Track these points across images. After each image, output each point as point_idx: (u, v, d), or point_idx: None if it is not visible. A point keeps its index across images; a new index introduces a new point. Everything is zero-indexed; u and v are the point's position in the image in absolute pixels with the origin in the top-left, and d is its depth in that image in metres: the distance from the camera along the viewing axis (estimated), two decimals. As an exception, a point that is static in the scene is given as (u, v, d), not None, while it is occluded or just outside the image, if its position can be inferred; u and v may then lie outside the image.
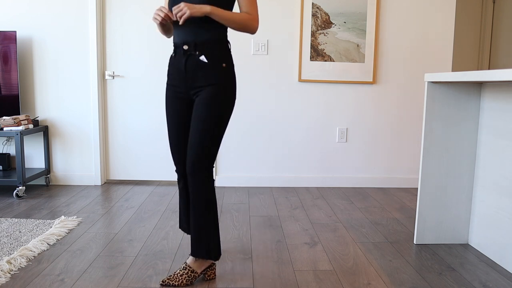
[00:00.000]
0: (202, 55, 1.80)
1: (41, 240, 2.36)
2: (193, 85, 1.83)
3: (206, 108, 1.79)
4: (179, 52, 1.83)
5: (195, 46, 1.79)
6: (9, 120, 3.25)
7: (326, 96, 3.73)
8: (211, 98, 1.79)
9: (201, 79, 1.81)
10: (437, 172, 2.39)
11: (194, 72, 1.81)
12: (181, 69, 1.83)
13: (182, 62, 1.82)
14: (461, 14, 4.59)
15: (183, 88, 1.86)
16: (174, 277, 1.87)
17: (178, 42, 1.83)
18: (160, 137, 3.76)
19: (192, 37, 1.79)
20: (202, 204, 1.82)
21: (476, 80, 1.88)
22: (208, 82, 1.80)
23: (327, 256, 2.26)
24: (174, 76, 1.88)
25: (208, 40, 1.80)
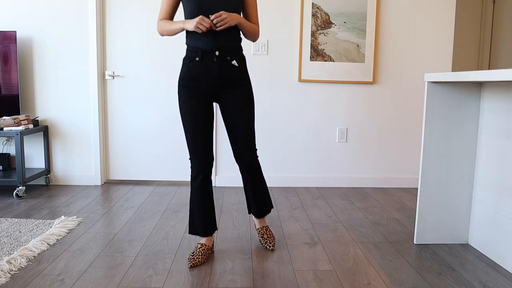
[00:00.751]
0: (234, 60, 2.03)
1: (41, 240, 2.36)
2: (224, 86, 2.04)
3: (246, 106, 2.08)
4: (208, 57, 1.98)
5: (227, 52, 2.00)
6: (9, 120, 3.25)
7: (326, 96, 3.73)
8: (246, 97, 2.08)
9: (232, 81, 2.04)
10: (437, 172, 2.39)
11: (226, 75, 2.02)
12: (213, 73, 1.99)
13: (214, 67, 1.99)
14: (461, 14, 4.59)
15: (210, 89, 2.02)
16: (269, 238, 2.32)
17: (207, 48, 1.97)
18: (160, 137, 3.76)
19: (223, 44, 1.98)
20: (262, 179, 2.27)
21: (476, 80, 1.88)
22: (239, 83, 2.06)
23: (327, 256, 2.26)
24: (199, 79, 1.99)
25: (236, 47, 2.04)
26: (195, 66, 1.99)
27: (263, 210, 2.33)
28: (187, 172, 3.81)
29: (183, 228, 2.65)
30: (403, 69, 3.75)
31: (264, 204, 2.33)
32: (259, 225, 2.37)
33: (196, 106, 2.02)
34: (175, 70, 3.69)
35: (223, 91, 2.04)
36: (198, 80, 1.99)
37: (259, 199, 2.30)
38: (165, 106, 3.72)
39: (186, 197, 3.37)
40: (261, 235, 2.35)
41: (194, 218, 2.17)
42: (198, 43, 1.97)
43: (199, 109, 2.03)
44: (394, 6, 3.67)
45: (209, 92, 2.02)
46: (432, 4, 3.69)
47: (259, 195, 2.29)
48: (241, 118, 2.08)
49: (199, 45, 1.97)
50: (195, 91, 2.01)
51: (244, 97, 2.07)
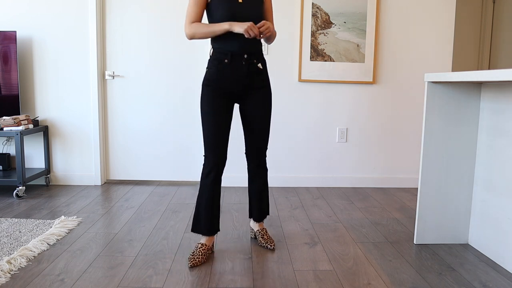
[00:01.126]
0: (259, 63, 2.16)
1: (41, 240, 2.36)
2: (249, 88, 2.15)
3: (266, 107, 2.21)
4: (238, 60, 2.08)
5: (254, 55, 2.12)
6: (9, 120, 3.25)
7: (326, 96, 3.73)
8: (267, 98, 2.21)
9: (256, 83, 2.16)
10: (437, 172, 2.39)
11: (252, 77, 2.14)
12: (241, 75, 2.10)
13: (242, 69, 2.10)
14: (461, 14, 4.59)
15: (237, 90, 2.13)
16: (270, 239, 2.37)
17: (237, 51, 2.07)
18: (160, 137, 3.76)
19: (250, 48, 2.10)
20: (267, 181, 2.39)
21: (476, 80, 1.88)
22: (262, 85, 2.18)
23: (327, 256, 2.26)
24: (227, 80, 2.09)
25: (260, 50, 2.17)
26: (224, 68, 2.08)
27: (263, 212, 2.42)
28: (187, 172, 3.81)
29: (183, 228, 2.65)
30: (403, 69, 3.75)
31: (266, 206, 2.42)
32: (258, 227, 2.44)
33: (220, 106, 2.10)
34: (175, 70, 3.69)
35: (248, 92, 2.16)
36: (226, 81, 2.09)
37: (262, 200, 2.38)
38: (165, 106, 3.72)
39: (186, 197, 3.37)
40: (261, 236, 2.39)
41: (199, 216, 2.18)
42: (227, 46, 2.07)
43: (223, 109, 2.11)
44: (394, 6, 3.67)
45: (235, 92, 2.13)
46: (432, 4, 3.69)
47: (263, 196, 2.38)
48: (261, 118, 2.20)
49: (228, 48, 2.07)
50: (222, 91, 2.10)
51: (266, 97, 2.20)
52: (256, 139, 2.24)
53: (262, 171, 2.34)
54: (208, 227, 2.17)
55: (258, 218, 2.42)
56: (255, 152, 2.27)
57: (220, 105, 2.10)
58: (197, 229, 2.19)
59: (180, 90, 3.72)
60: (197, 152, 3.80)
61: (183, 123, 3.75)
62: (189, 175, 3.83)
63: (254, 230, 2.46)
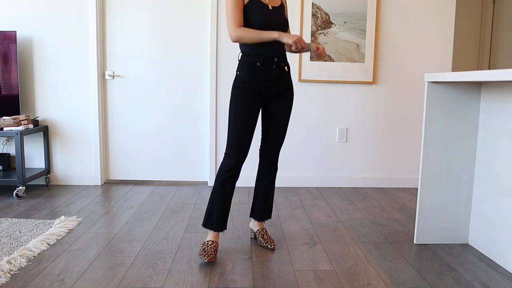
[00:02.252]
0: (286, 66, 2.25)
1: (41, 240, 2.36)
2: (276, 90, 2.22)
3: (289, 109, 2.30)
4: (269, 63, 2.17)
5: (282, 59, 2.22)
6: (9, 120, 3.25)
7: (326, 96, 3.73)
8: (290, 100, 2.30)
9: (283, 85, 2.24)
10: (437, 172, 2.39)
11: (280, 80, 2.23)
12: (272, 78, 2.19)
13: (274, 72, 2.19)
14: (461, 14, 4.59)
15: (266, 92, 2.20)
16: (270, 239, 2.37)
17: (268, 55, 2.16)
18: (160, 137, 3.76)
19: (280, 52, 2.20)
20: (274, 181, 2.42)
21: (476, 80, 1.88)
22: (287, 88, 2.27)
23: (327, 256, 2.26)
24: (259, 82, 2.17)
25: (285, 55, 2.26)
26: (256, 70, 2.16)
27: (266, 213, 2.44)
28: (187, 172, 3.81)
29: (183, 228, 2.65)
30: (403, 69, 3.75)
31: (269, 207, 2.44)
32: (258, 227, 2.45)
33: (250, 108, 2.17)
34: (175, 70, 3.69)
35: (275, 94, 2.23)
36: (258, 83, 2.17)
37: (267, 201, 2.41)
38: (165, 106, 3.72)
39: (186, 197, 3.37)
40: (261, 236, 2.40)
41: (212, 211, 2.22)
42: (259, 50, 2.16)
43: (253, 111, 2.18)
44: (394, 6, 3.67)
45: (265, 94, 2.20)
46: (432, 4, 3.69)
47: (268, 196, 2.41)
48: (284, 118, 2.29)
49: (260, 51, 2.16)
50: (253, 93, 2.17)
51: (290, 99, 2.29)
52: (275, 139, 2.31)
53: (273, 169, 2.38)
54: (219, 224, 2.22)
55: (260, 217, 2.43)
56: (272, 150, 2.33)
57: (250, 107, 2.17)
58: (209, 225, 2.22)
59: (180, 90, 3.72)
60: (197, 152, 3.80)
61: (183, 123, 3.75)
62: (189, 175, 3.83)
63: (254, 230, 2.47)
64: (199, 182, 3.86)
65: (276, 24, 2.18)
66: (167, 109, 3.73)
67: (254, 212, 2.44)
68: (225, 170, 2.18)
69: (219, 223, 2.21)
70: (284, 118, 2.30)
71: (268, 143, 2.32)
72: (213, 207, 2.22)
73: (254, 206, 2.44)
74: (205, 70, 3.70)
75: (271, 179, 2.40)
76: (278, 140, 2.33)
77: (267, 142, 2.33)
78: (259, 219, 2.43)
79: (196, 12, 3.65)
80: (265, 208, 2.42)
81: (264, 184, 2.39)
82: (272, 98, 2.25)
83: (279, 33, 2.08)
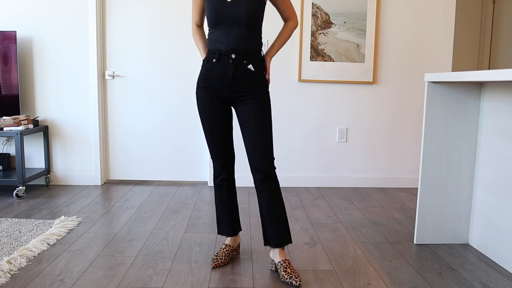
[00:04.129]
0: (250, 64, 1.95)
1: (41, 240, 2.36)
2: (239, 90, 1.96)
3: (263, 114, 1.97)
4: (224, 59, 1.94)
5: (243, 56, 1.94)
6: (9, 120, 3.25)
7: (326, 96, 3.73)
8: (263, 104, 1.97)
9: (247, 85, 1.96)
10: (437, 172, 2.39)
11: (241, 79, 1.95)
12: (228, 75, 1.94)
13: (229, 69, 1.94)
14: (461, 14, 4.59)
15: (226, 92, 1.97)
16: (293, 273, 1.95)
17: (224, 50, 1.93)
18: (160, 137, 3.76)
19: (239, 47, 1.93)
20: (280, 197, 2.02)
21: (476, 80, 1.88)
22: (255, 89, 1.97)
23: (327, 256, 2.26)
24: (214, 81, 1.97)
25: (253, 50, 1.96)
26: (212, 67, 1.97)
27: (282, 236, 2.02)
28: (187, 172, 3.81)
29: (183, 228, 2.65)
30: (403, 69, 3.75)
31: (284, 229, 2.02)
32: (280, 258, 2.02)
33: (213, 107, 2.00)
34: (175, 70, 3.69)
35: (238, 97, 1.97)
36: (214, 82, 1.97)
37: (278, 221, 2.01)
38: (165, 106, 3.72)
39: (186, 197, 3.37)
40: (284, 268, 1.97)
41: (220, 219, 2.19)
42: (217, 45, 1.95)
43: (216, 110, 2.01)
44: (394, 6, 3.67)
45: (225, 94, 1.97)
46: (432, 4, 3.69)
47: (277, 215, 2.01)
48: (256, 129, 1.96)
49: (218, 47, 1.95)
50: (212, 92, 1.98)
51: (259, 106, 1.97)
52: (253, 149, 1.98)
53: (269, 183, 1.99)
54: (227, 228, 2.18)
55: (276, 243, 2.02)
56: (256, 162, 1.98)
57: (212, 107, 1.99)
58: (222, 231, 2.20)
59: (180, 90, 3.72)
60: (197, 152, 3.80)
61: (183, 123, 3.75)
62: (189, 175, 3.83)
63: (275, 262, 2.04)
64: (199, 182, 3.86)
65: (231, 19, 1.91)
66: (167, 109, 3.73)
67: (268, 237, 2.04)
68: (215, 176, 2.14)
69: (229, 228, 2.18)
70: (256, 125, 1.95)
71: (249, 155, 1.99)
72: (219, 214, 2.19)
73: (266, 231, 2.05)
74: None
75: (271, 194, 2.00)
76: (258, 150, 1.96)
77: (248, 154, 2.01)
78: (275, 245, 2.02)
79: (196, 12, 3.64)
80: (279, 230, 2.01)
81: (265, 202, 2.01)
82: (237, 102, 1.98)
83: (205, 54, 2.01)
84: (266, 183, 1.99)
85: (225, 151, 2.07)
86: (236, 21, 1.91)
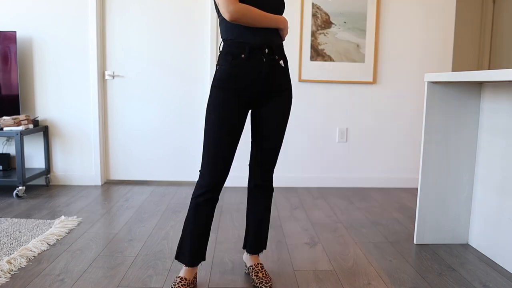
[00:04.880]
0: (281, 59, 1.78)
1: (41, 240, 2.36)
2: (269, 90, 1.77)
3: (285, 115, 1.83)
4: (257, 55, 1.70)
5: (276, 51, 1.75)
6: (9, 120, 3.25)
7: (326, 96, 3.73)
8: (287, 105, 1.83)
9: (277, 84, 1.78)
10: (437, 172, 2.39)
11: (274, 77, 1.76)
12: (260, 72, 1.72)
13: (262, 66, 1.72)
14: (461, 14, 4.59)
15: (253, 92, 1.74)
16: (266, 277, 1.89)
17: (256, 44, 1.69)
18: (160, 137, 3.76)
19: (273, 41, 1.74)
20: (269, 206, 1.96)
21: (476, 80, 1.88)
22: (283, 87, 1.80)
23: (327, 256, 2.26)
24: (244, 80, 1.71)
25: (282, 45, 1.80)
26: (240, 64, 1.69)
27: (259, 244, 1.99)
28: (187, 172, 3.81)
29: (183, 228, 2.65)
30: (403, 69, 3.75)
31: (264, 238, 2.00)
32: (252, 262, 1.97)
33: (232, 114, 1.71)
34: (175, 70, 3.69)
35: (267, 95, 1.77)
36: (242, 81, 1.71)
37: (261, 230, 1.97)
38: (165, 106, 3.72)
39: (186, 197, 3.37)
40: (255, 273, 1.91)
41: (184, 242, 1.81)
42: (246, 38, 1.69)
43: (236, 117, 1.72)
44: (394, 6, 3.67)
45: (253, 96, 1.75)
46: (432, 4, 3.69)
47: (263, 224, 1.96)
48: (279, 127, 1.82)
49: (247, 39, 1.69)
50: (237, 94, 1.72)
51: (287, 103, 1.82)
52: (268, 152, 1.84)
53: (267, 191, 1.91)
54: (191, 258, 1.80)
55: (252, 250, 1.98)
56: (264, 166, 1.85)
57: (233, 113, 1.71)
58: (180, 258, 1.82)
59: (180, 90, 3.72)
60: (197, 152, 3.80)
61: (183, 123, 3.75)
62: (189, 175, 3.83)
63: (247, 265, 2.00)
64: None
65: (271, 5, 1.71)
66: (167, 109, 3.73)
67: (247, 243, 2.00)
68: (199, 192, 1.74)
69: (192, 256, 1.80)
70: (280, 126, 1.82)
71: (260, 157, 1.84)
72: (185, 237, 1.80)
73: (247, 236, 1.99)
74: (205, 70, 3.70)
75: (266, 203, 1.92)
76: (272, 153, 1.84)
77: (258, 156, 1.85)
78: (251, 251, 1.98)
79: (196, 12, 3.64)
80: (259, 238, 1.97)
81: (257, 209, 1.91)
82: (263, 101, 1.78)
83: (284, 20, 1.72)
84: (263, 192, 1.91)
85: (227, 166, 1.76)
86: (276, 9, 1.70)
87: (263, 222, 1.95)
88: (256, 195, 1.91)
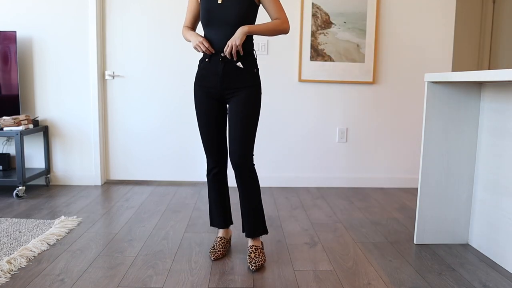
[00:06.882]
0: (239, 61, 2.06)
1: (41, 240, 2.36)
2: (228, 87, 2.07)
3: (246, 107, 2.06)
4: (215, 58, 2.06)
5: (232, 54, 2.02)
6: (9, 120, 3.25)
7: (326, 96, 3.73)
8: (249, 98, 2.07)
9: (237, 82, 2.06)
10: (437, 172, 2.39)
11: (230, 77, 2.06)
12: (218, 73, 2.06)
13: (219, 68, 2.05)
14: (461, 14, 4.59)
15: (218, 90, 2.08)
16: (256, 258, 2.10)
17: (215, 49, 2.05)
18: (160, 137, 3.76)
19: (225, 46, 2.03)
20: (256, 189, 2.13)
21: (476, 80, 1.88)
22: (243, 85, 2.07)
23: (327, 256, 2.26)
24: (208, 79, 2.09)
25: (244, 49, 2.07)
26: (205, 67, 2.10)
27: (253, 227, 2.16)
28: (187, 172, 3.81)
29: (183, 228, 2.65)
30: (403, 69, 3.75)
31: (256, 220, 2.15)
32: (249, 244, 2.19)
33: (207, 105, 2.12)
34: (175, 70, 3.69)
35: (229, 94, 2.08)
36: (207, 80, 2.09)
37: (251, 214, 2.14)
38: (165, 106, 3.72)
39: (186, 197, 3.37)
40: (249, 253, 2.14)
41: (212, 211, 2.30)
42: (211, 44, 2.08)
43: (211, 108, 2.12)
44: (394, 6, 3.67)
45: (217, 92, 2.09)
46: (432, 4, 3.69)
47: (251, 208, 2.13)
48: (240, 120, 2.05)
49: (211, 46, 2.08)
50: (207, 90, 2.11)
51: (247, 98, 2.05)
52: (235, 143, 2.06)
53: (245, 177, 2.10)
54: (220, 221, 2.28)
55: (248, 233, 2.17)
56: (235, 157, 2.07)
57: (206, 106, 2.12)
58: (213, 223, 2.31)
59: (180, 90, 3.72)
60: (197, 152, 3.80)
61: (183, 123, 3.75)
62: (189, 175, 3.83)
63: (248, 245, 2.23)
64: (199, 182, 3.86)
65: (221, 20, 2.01)
66: (167, 109, 3.73)
67: (244, 227, 2.22)
68: (208, 170, 2.24)
69: (221, 220, 2.28)
70: (241, 119, 2.04)
71: (230, 149, 2.09)
72: (211, 207, 2.30)
73: (242, 220, 2.22)
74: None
75: (245, 187, 2.11)
76: (238, 143, 2.05)
77: (230, 148, 2.10)
78: (248, 235, 2.17)
79: (196, 12, 3.64)
80: (251, 222, 2.14)
81: (240, 194, 2.14)
82: (227, 98, 2.09)
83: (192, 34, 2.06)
84: (243, 176, 2.10)
85: (218, 148, 2.17)
86: (227, 22, 2.01)
87: (250, 207, 2.14)
88: (240, 184, 2.13)
